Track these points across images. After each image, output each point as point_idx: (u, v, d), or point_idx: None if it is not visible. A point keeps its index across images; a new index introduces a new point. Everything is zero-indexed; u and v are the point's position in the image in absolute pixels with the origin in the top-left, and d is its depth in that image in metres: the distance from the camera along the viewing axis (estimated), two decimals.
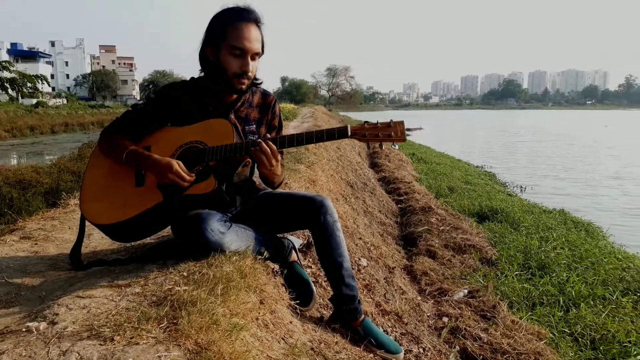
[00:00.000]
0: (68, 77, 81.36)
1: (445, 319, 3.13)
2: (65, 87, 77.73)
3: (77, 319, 1.41)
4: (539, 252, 5.02)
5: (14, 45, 63.80)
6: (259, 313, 1.69)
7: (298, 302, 2.09)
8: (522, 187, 12.23)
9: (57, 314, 1.44)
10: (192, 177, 1.86)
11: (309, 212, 2.07)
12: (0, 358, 1.20)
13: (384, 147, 1.96)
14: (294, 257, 2.23)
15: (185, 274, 1.72)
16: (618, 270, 4.61)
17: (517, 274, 4.42)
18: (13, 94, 36.99)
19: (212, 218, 1.84)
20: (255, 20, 1.94)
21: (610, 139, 30.93)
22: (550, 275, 4.42)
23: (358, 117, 47.67)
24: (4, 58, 45.27)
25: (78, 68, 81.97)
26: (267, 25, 1.98)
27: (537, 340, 2.92)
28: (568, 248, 5.38)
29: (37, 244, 2.48)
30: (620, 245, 6.33)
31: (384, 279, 3.42)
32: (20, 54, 62.53)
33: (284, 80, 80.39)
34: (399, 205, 7.11)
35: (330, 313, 2.22)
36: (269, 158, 1.87)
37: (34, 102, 39.20)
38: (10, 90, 36.10)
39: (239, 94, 2.04)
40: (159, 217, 1.93)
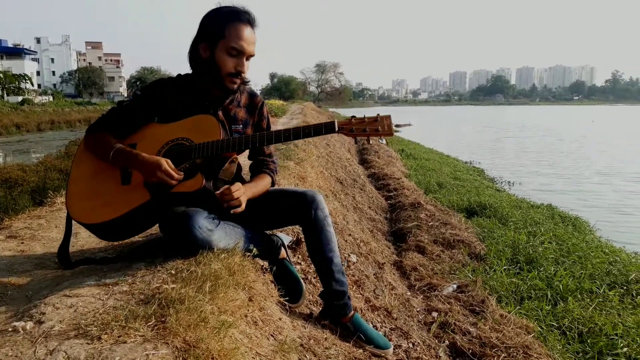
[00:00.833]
0: (54, 74, 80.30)
1: (435, 314, 3.15)
2: (52, 84, 76.76)
3: (64, 318, 1.40)
4: (527, 246, 5.07)
5: None
6: (248, 310, 1.69)
7: (287, 299, 2.10)
8: (510, 182, 12.34)
9: (44, 313, 1.43)
10: (180, 175, 1.84)
11: (300, 207, 2.07)
12: None
13: (371, 141, 1.96)
14: (283, 254, 2.23)
15: (173, 272, 1.71)
16: (605, 264, 4.66)
17: (505, 269, 4.45)
18: None
19: (199, 215, 1.83)
20: (253, 23, 1.94)
21: (598, 135, 31.24)
22: (538, 270, 4.46)
23: (347, 113, 47.66)
24: None
25: (64, 65, 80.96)
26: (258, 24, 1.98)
27: (525, 334, 2.95)
28: (556, 242, 5.44)
29: (23, 243, 2.46)
30: (607, 240, 6.39)
31: (374, 275, 3.43)
32: (6, 51, 61.75)
33: (273, 77, 79.93)
34: (389, 201, 7.14)
35: (320, 310, 2.23)
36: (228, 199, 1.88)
37: (20, 99, 38.77)
38: None
39: (230, 94, 2.04)
40: (146, 215, 1.92)
